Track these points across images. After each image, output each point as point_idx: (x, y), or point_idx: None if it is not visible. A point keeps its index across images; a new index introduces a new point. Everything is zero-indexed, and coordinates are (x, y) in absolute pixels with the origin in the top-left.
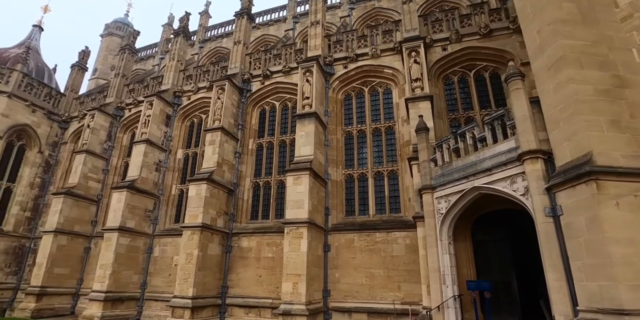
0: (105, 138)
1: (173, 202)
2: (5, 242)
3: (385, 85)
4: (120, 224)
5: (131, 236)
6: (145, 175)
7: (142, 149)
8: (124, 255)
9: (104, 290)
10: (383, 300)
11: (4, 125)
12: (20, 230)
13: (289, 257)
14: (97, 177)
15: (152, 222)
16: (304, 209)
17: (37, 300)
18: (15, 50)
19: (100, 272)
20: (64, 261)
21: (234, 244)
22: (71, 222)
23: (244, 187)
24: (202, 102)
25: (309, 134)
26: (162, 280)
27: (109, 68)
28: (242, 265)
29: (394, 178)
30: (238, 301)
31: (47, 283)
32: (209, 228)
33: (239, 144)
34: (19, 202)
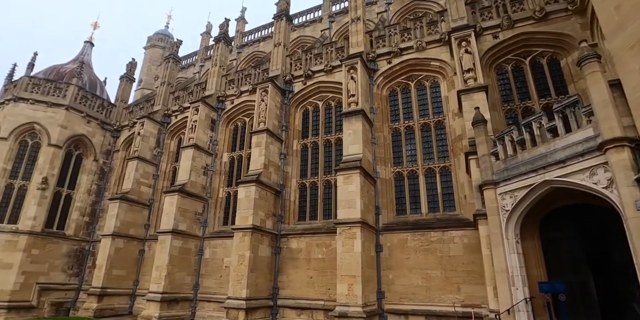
0: (155, 144)
1: (221, 204)
2: (68, 245)
3: (432, 79)
4: (173, 227)
5: (183, 238)
6: (194, 179)
7: (190, 154)
8: (177, 257)
9: (160, 291)
10: (441, 302)
11: (64, 136)
12: (80, 234)
13: (343, 258)
14: (148, 182)
15: (202, 225)
16: (355, 208)
17: (98, 300)
18: (70, 65)
19: (156, 274)
20: (121, 263)
21: (283, 245)
22: (126, 226)
23: (290, 188)
24: (245, 106)
25: (356, 131)
26: (213, 282)
27: (152, 78)
28: (292, 266)
29: (447, 175)
30: (289, 303)
31: (107, 284)
32: (259, 230)
33: (284, 145)
34: (78, 208)
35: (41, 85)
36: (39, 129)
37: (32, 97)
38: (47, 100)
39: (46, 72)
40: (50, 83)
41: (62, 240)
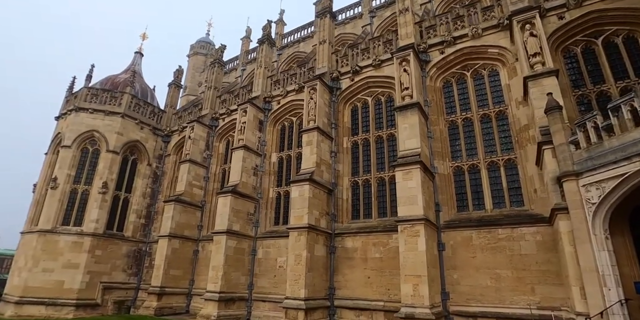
0: (204, 147)
1: (271, 205)
2: (127, 246)
3: (490, 67)
4: (228, 227)
5: (237, 239)
6: (245, 180)
7: (240, 155)
8: (232, 257)
9: (217, 291)
10: (514, 304)
11: (120, 142)
12: (137, 236)
13: (406, 257)
14: (199, 184)
15: (254, 225)
16: (417, 205)
17: (158, 299)
18: (123, 75)
19: (212, 274)
20: (177, 263)
21: (338, 244)
22: (181, 227)
23: (343, 187)
24: (291, 106)
25: (413, 125)
26: (267, 282)
27: (196, 85)
28: (347, 266)
29: (512, 168)
30: (347, 303)
31: (165, 283)
32: (314, 229)
33: (334, 143)
34: (135, 211)
35: (98, 95)
36: (98, 137)
37: (91, 107)
38: (105, 109)
39: (102, 82)
40: (106, 93)
41: (121, 241)
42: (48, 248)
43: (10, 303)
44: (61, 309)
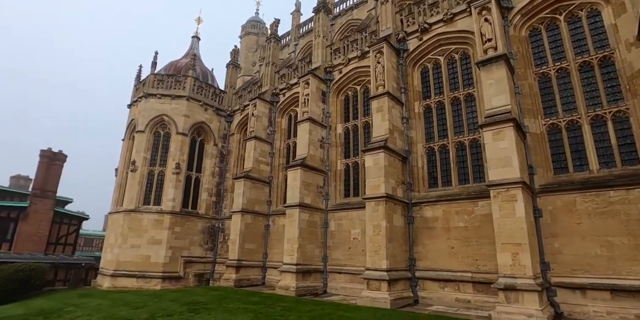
0: (267, 124)
1: (340, 177)
2: (202, 223)
3: (589, 7)
4: (300, 201)
5: (309, 212)
6: (312, 153)
7: (306, 128)
8: (306, 230)
9: (294, 263)
10: (632, 275)
11: (188, 124)
12: (210, 213)
13: (502, 225)
14: (265, 161)
15: (324, 198)
16: (512, 167)
17: (236, 271)
18: (184, 60)
19: (288, 246)
20: (250, 237)
21: (416, 214)
22: (252, 203)
23: (417, 154)
24: (354, 74)
25: (500, 80)
26: (342, 254)
27: (250, 65)
28: (428, 236)
29: (622, 121)
30: (430, 274)
31: (241, 257)
32: (392, 198)
33: (404, 109)
34: (206, 189)
35: (164, 80)
36: (167, 120)
37: (159, 92)
38: (171, 93)
39: (166, 68)
40: (170, 77)
41: (196, 218)
42: (133, 226)
43: (106, 276)
44: (150, 280)
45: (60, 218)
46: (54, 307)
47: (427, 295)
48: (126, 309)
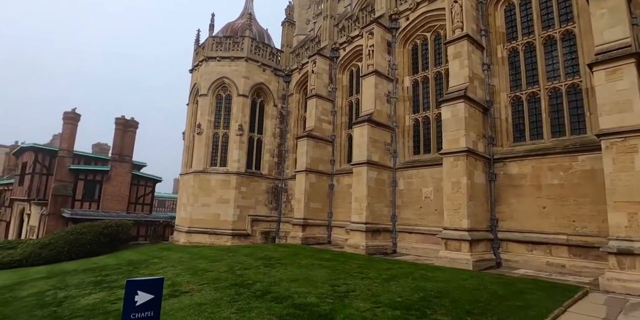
0: (328, 81)
1: (408, 133)
2: (265, 183)
3: None
4: (367, 158)
5: (377, 169)
6: (379, 108)
7: (372, 81)
8: (374, 189)
9: (363, 222)
10: None
11: (247, 85)
12: (273, 174)
13: (616, 180)
14: (327, 119)
15: (392, 155)
16: (632, 112)
17: (302, 230)
18: (240, 20)
19: (356, 205)
20: (315, 197)
21: (499, 171)
22: (315, 162)
23: (500, 104)
24: (424, 19)
25: (615, 9)
26: (412, 213)
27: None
28: (513, 195)
29: None
30: (515, 236)
31: (307, 216)
32: (473, 153)
33: (485, 54)
34: (268, 150)
35: (222, 42)
36: (228, 82)
37: (218, 55)
38: (229, 55)
39: (223, 30)
40: (228, 39)
41: (260, 179)
42: (203, 186)
43: (182, 232)
44: (221, 237)
45: (138, 180)
46: (140, 259)
47: (511, 258)
48: (205, 261)
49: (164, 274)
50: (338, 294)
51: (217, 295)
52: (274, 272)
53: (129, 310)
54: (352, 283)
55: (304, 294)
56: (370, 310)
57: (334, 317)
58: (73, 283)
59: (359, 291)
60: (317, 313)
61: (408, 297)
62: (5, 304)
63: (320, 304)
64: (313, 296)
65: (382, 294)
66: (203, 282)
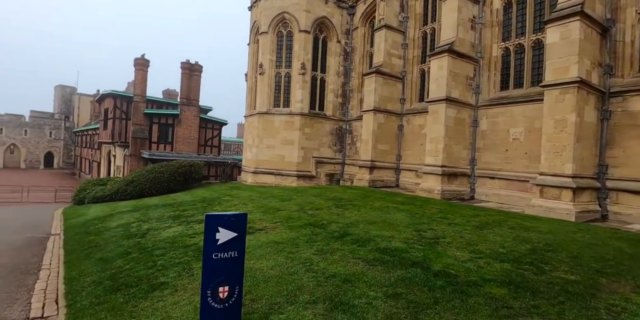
0: (399, 9)
1: (496, 65)
2: (329, 125)
3: None
4: (446, 94)
5: (457, 107)
6: (462, 36)
7: (454, 4)
8: (452, 129)
9: (439, 164)
10: None
11: (309, 20)
12: (336, 115)
13: None
14: (397, 53)
15: (474, 92)
16: None
17: (370, 172)
18: None
19: (431, 147)
20: (383, 138)
21: (615, 107)
22: (384, 101)
23: (624, 24)
24: None
25: None
26: (495, 157)
27: None
28: (632, 137)
29: None
30: (630, 186)
31: (374, 158)
32: (585, 84)
33: None
34: (332, 90)
35: None
36: (288, 18)
37: None
38: None
39: None
40: None
41: (324, 120)
42: (267, 127)
43: (248, 173)
44: (286, 178)
45: (205, 123)
46: (213, 196)
47: (622, 211)
48: (275, 200)
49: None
50: (426, 240)
51: (292, 235)
52: (347, 213)
53: (210, 249)
54: (438, 229)
55: (387, 238)
56: (472, 261)
57: (429, 265)
58: (154, 216)
59: (450, 238)
60: (408, 260)
61: (513, 248)
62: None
63: (409, 249)
64: (398, 241)
65: (479, 243)
66: (276, 221)
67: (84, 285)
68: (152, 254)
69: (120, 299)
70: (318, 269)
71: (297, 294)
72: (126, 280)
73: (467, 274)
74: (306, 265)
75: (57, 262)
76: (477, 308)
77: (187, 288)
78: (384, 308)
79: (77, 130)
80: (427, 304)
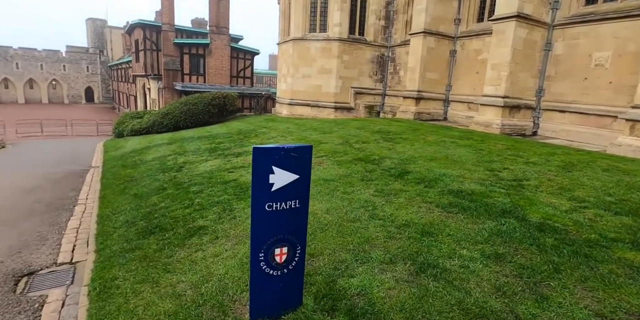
0: None
1: None
2: (370, 51)
3: None
4: (518, 10)
5: (528, 26)
6: None
7: None
8: (521, 53)
9: (501, 95)
10: None
11: None
12: (378, 40)
13: None
14: None
15: (551, 7)
16: None
17: (415, 103)
18: None
19: (492, 74)
20: (433, 65)
21: None
22: (436, 22)
23: None
24: None
25: None
26: (571, 87)
27: None
28: None
29: None
30: None
31: (422, 88)
32: None
33: None
34: (373, 11)
35: None
36: None
37: None
38: None
39: None
40: None
41: (364, 46)
42: (302, 55)
43: (284, 104)
44: (323, 110)
45: (237, 53)
46: (249, 128)
47: None
48: (315, 133)
49: (275, 143)
50: (507, 182)
51: (342, 171)
52: (399, 147)
53: (261, 197)
54: (516, 169)
55: (457, 177)
56: (578, 211)
57: (524, 215)
58: (190, 149)
59: (536, 181)
60: (495, 207)
61: (622, 197)
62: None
63: (490, 193)
64: (472, 182)
65: (574, 188)
66: (320, 155)
67: (116, 226)
68: (189, 190)
69: (154, 246)
70: (384, 215)
71: (366, 249)
72: (161, 222)
73: (579, 229)
74: (369, 210)
75: (94, 197)
76: (617, 281)
77: (230, 235)
78: (488, 275)
79: (112, 64)
80: (545, 272)
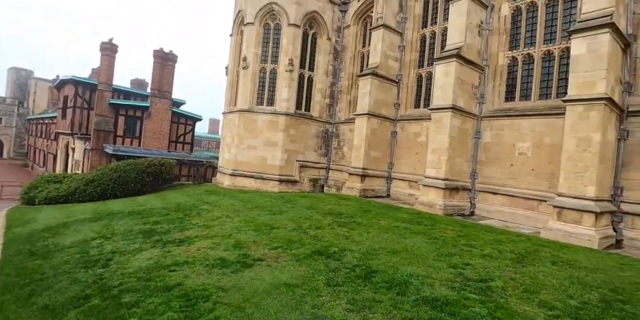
0: (398, 9)
1: (501, 74)
2: (315, 126)
3: None
4: (453, 102)
5: (462, 117)
6: (469, 41)
7: (463, 7)
8: (456, 140)
9: (441, 178)
10: None
11: (300, 13)
12: (323, 116)
13: None
14: (394, 55)
15: (478, 101)
16: None
17: (361, 180)
18: None
19: (433, 158)
20: (376, 145)
21: (634, 127)
22: (379, 105)
23: None
24: None
25: None
26: (499, 171)
27: None
28: None
29: None
30: None
31: (366, 165)
32: (611, 102)
33: None
34: (319, 90)
35: None
36: (277, 10)
37: None
38: None
39: None
40: None
41: (310, 121)
42: (249, 127)
43: (226, 174)
44: (267, 182)
45: (178, 118)
46: (189, 203)
47: (637, 236)
48: (263, 213)
49: (222, 227)
50: (475, 285)
51: (303, 271)
52: (355, 235)
53: None
54: (476, 264)
55: (424, 278)
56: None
57: None
58: (120, 231)
59: (500, 281)
60: None
61: (581, 298)
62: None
63: (464, 301)
64: (441, 285)
65: (538, 289)
66: (275, 245)
67: None
68: (120, 301)
69: None
70: None
71: None
72: None
73: None
74: None
75: None
76: None
77: None
78: None
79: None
80: None
